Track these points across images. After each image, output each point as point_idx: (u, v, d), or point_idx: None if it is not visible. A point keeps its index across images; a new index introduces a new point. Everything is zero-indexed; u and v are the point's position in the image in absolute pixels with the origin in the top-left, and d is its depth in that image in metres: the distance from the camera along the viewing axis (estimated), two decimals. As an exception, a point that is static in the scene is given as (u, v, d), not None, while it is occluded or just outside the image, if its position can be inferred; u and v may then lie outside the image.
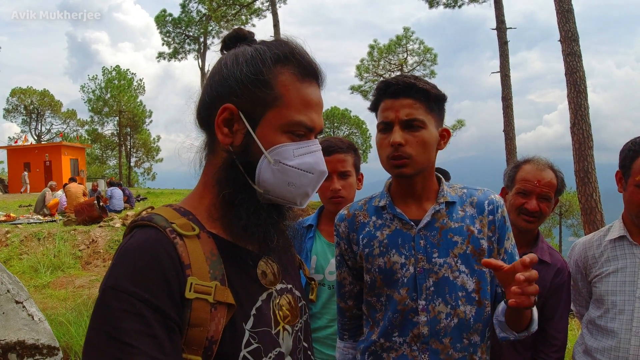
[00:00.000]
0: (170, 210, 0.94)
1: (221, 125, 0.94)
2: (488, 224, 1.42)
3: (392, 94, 1.38)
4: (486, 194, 1.47)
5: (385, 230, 1.46)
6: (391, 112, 1.37)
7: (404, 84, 1.36)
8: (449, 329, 1.37)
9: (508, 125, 15.73)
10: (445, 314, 1.37)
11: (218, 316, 0.84)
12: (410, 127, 1.36)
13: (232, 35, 1.02)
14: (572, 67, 10.21)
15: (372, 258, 1.45)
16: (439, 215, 1.42)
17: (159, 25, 33.37)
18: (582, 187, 9.78)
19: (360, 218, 1.53)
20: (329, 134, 39.32)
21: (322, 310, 1.98)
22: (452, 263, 1.38)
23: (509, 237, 1.46)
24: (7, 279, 2.64)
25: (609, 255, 1.79)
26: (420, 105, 1.36)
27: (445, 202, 1.43)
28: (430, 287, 1.38)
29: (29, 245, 9.83)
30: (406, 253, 1.41)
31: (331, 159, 1.95)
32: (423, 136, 1.36)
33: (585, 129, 9.95)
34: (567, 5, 10.41)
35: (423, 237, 1.41)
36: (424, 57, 29.79)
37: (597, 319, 1.78)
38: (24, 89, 40.84)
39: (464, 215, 1.43)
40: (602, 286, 1.77)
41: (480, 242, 1.40)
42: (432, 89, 1.37)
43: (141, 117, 38.97)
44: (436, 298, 1.37)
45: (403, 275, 1.40)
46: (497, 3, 16.58)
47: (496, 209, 1.44)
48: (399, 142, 1.34)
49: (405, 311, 1.39)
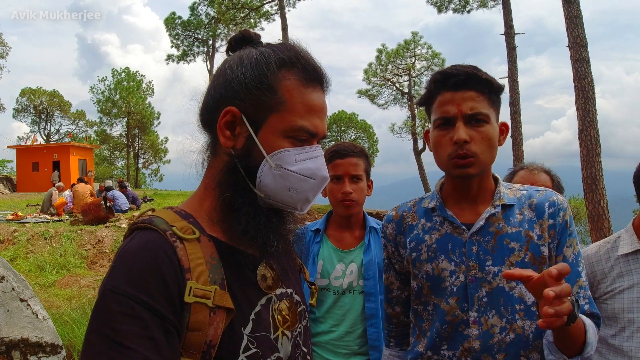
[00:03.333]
0: (170, 212, 0.93)
1: (223, 128, 0.94)
2: (548, 228, 1.28)
3: (452, 85, 1.25)
4: (548, 195, 1.33)
5: (434, 234, 1.36)
6: (452, 106, 1.24)
7: (465, 74, 1.24)
8: (504, 344, 1.24)
9: (516, 130, 15.64)
10: (500, 328, 1.25)
11: (217, 320, 0.84)
12: (474, 122, 1.24)
13: (238, 37, 1.01)
14: (581, 73, 10.14)
15: (420, 263, 1.36)
16: (494, 219, 1.30)
17: (168, 28, 33.64)
18: (589, 194, 9.70)
19: (408, 220, 1.43)
20: (336, 138, 39.31)
21: (325, 315, 1.98)
22: None
23: (571, 244, 1.29)
24: (12, 277, 2.66)
25: (621, 270, 1.71)
26: (483, 98, 1.25)
27: (501, 204, 1.31)
28: (483, 297, 1.26)
29: (35, 244, 9.89)
30: (456, 260, 1.30)
31: (344, 162, 1.96)
32: (488, 132, 1.25)
33: (593, 135, 9.88)
34: (576, 11, 10.35)
35: (476, 243, 1.29)
36: (432, 62, 29.69)
37: (609, 337, 1.70)
38: (33, 89, 41.23)
39: (522, 220, 1.29)
40: (616, 303, 1.69)
41: (540, 249, 1.26)
42: (494, 79, 1.27)
43: (149, 119, 39.22)
44: (489, 310, 1.26)
45: (452, 284, 1.30)
46: (506, 8, 16.54)
47: (557, 212, 1.29)
48: (464, 139, 1.22)
49: (454, 323, 1.28)
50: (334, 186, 1.98)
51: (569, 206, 1.34)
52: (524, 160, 15.57)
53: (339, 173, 1.96)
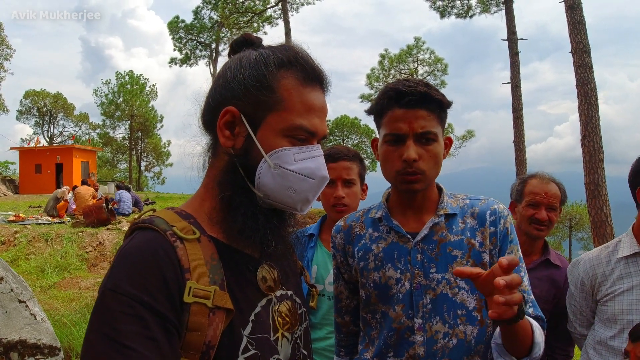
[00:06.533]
0: (171, 213, 0.93)
1: (223, 128, 0.94)
2: (490, 235, 1.32)
3: (405, 104, 1.27)
4: (489, 203, 1.37)
5: (381, 243, 1.38)
6: (404, 124, 1.27)
7: (419, 94, 1.26)
8: (447, 350, 1.27)
9: (518, 136, 15.65)
10: (443, 334, 1.28)
11: (216, 321, 0.84)
12: (424, 140, 1.28)
13: (239, 40, 1.02)
14: (584, 78, 10.16)
15: (367, 272, 1.38)
16: (437, 227, 1.34)
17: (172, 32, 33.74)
18: (592, 200, 9.68)
19: (356, 230, 1.45)
20: (339, 142, 39.36)
21: (322, 321, 1.96)
22: (451, 279, 1.29)
23: (512, 250, 1.34)
24: (12, 278, 2.66)
25: (621, 272, 1.74)
26: (433, 117, 1.28)
27: (445, 214, 1.35)
28: (427, 304, 1.29)
29: (36, 245, 9.91)
30: (402, 267, 1.33)
31: (336, 166, 1.93)
32: (436, 150, 1.29)
33: (596, 141, 9.87)
34: (579, 17, 10.38)
35: (420, 251, 1.32)
36: (434, 67, 29.79)
37: (609, 339, 1.73)
38: (37, 91, 41.43)
39: (464, 228, 1.34)
40: (616, 305, 1.72)
41: (482, 255, 1.31)
42: (444, 98, 1.30)
43: (152, 122, 39.36)
44: (433, 316, 1.29)
45: (398, 291, 1.32)
46: (509, 14, 16.59)
47: (498, 220, 1.34)
48: (414, 158, 1.26)
49: (400, 330, 1.31)
50: (326, 190, 1.95)
51: (510, 214, 1.39)
52: (526, 166, 15.58)
53: (331, 177, 1.92)
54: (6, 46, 32.94)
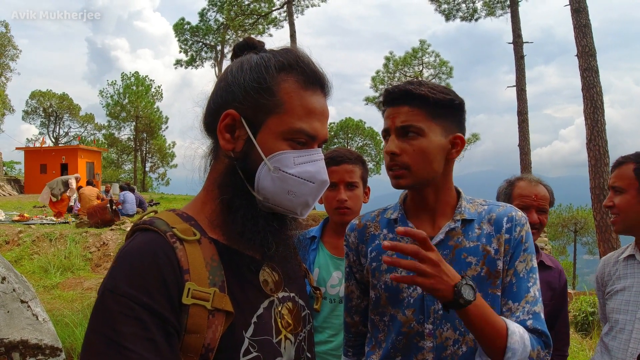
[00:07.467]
0: (172, 214, 0.94)
1: (223, 131, 0.94)
2: (504, 242, 1.30)
3: (390, 102, 1.32)
4: (507, 210, 1.35)
5: None
6: (389, 120, 1.31)
7: (399, 91, 1.29)
8: (456, 357, 1.26)
9: (523, 139, 15.59)
10: (453, 341, 1.26)
11: (216, 323, 0.83)
12: (406, 135, 1.28)
13: (242, 44, 1.03)
14: (589, 82, 10.12)
15: (379, 273, 1.37)
16: (453, 233, 1.32)
17: (177, 33, 33.92)
18: (597, 204, 9.63)
19: (371, 230, 1.45)
20: (343, 144, 39.36)
21: (324, 324, 1.95)
22: None
23: (525, 259, 1.30)
24: (14, 278, 2.66)
25: (620, 273, 1.82)
26: (418, 112, 1.27)
27: (462, 219, 1.33)
28: (439, 310, 1.28)
29: (40, 245, 9.95)
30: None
31: (339, 169, 1.93)
32: (421, 145, 1.27)
33: (601, 145, 9.83)
34: (585, 20, 10.34)
35: None
36: (439, 70, 29.76)
37: (604, 336, 1.81)
38: (43, 92, 41.72)
39: (480, 234, 1.31)
40: (611, 303, 1.80)
41: (496, 263, 1.28)
42: (432, 94, 1.27)
43: (157, 123, 39.52)
44: (444, 323, 1.27)
45: (409, 296, 1.31)
46: (514, 17, 16.55)
47: (514, 227, 1.31)
48: (392, 151, 1.28)
49: (410, 334, 1.30)
50: (329, 193, 1.94)
51: (527, 222, 1.36)
52: (531, 170, 15.51)
53: (333, 180, 1.90)
54: (12, 47, 33.24)
